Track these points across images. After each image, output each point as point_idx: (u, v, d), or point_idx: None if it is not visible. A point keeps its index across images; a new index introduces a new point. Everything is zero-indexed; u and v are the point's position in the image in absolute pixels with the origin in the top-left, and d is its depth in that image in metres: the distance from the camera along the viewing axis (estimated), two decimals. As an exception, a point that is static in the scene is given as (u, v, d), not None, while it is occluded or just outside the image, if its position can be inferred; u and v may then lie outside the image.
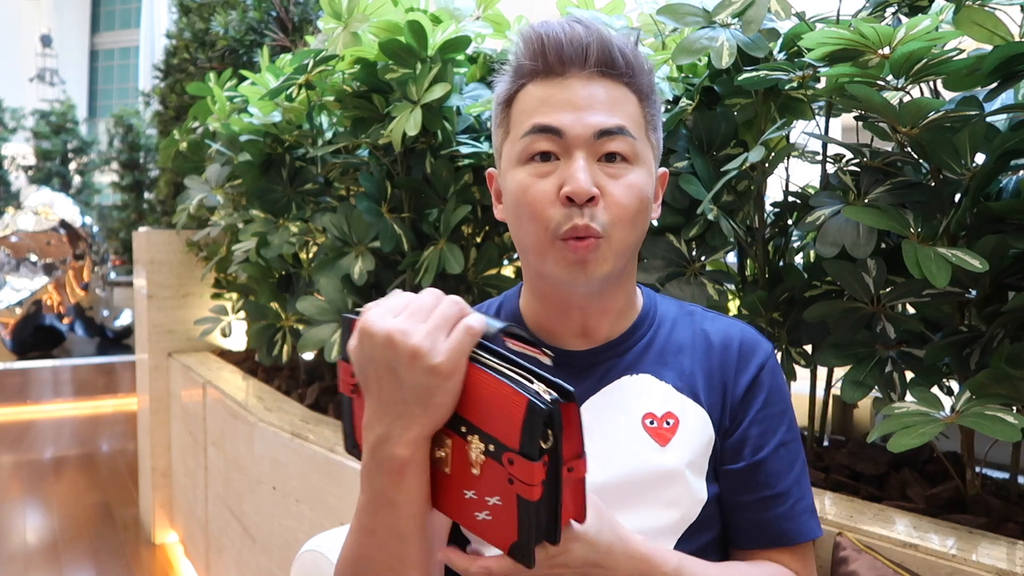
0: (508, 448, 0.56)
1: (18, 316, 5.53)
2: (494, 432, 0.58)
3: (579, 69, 0.72)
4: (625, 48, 0.73)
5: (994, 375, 0.93)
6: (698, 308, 0.87)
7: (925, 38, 0.94)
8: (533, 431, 0.55)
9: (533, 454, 0.55)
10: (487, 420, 0.59)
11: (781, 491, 0.76)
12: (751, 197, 1.26)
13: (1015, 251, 0.99)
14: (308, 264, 2.06)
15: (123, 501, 3.46)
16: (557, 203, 0.71)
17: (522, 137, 0.73)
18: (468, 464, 0.60)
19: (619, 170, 0.72)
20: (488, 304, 0.90)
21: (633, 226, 0.74)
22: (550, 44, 0.72)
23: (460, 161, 1.58)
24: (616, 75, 0.73)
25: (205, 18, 3.36)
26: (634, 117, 0.74)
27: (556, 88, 0.72)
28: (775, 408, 0.79)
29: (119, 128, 7.55)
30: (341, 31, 1.58)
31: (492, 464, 0.58)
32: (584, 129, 0.71)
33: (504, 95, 0.78)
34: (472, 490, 0.60)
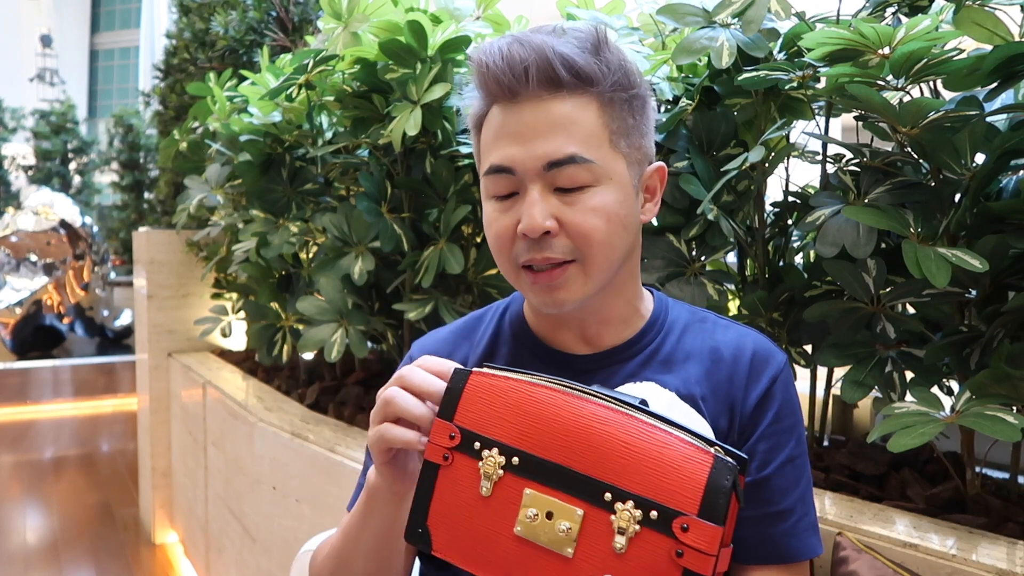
0: (683, 513, 0.49)
1: (18, 316, 5.53)
2: (662, 497, 0.50)
3: (526, 91, 0.69)
4: (575, 58, 0.68)
5: (994, 375, 0.93)
6: (711, 315, 0.84)
7: (925, 38, 0.94)
8: (719, 492, 0.49)
9: (716, 517, 0.48)
10: (650, 482, 0.51)
11: (785, 508, 0.75)
12: (751, 197, 1.26)
13: (1015, 251, 0.99)
14: (308, 264, 2.06)
15: (123, 501, 3.46)
16: (517, 238, 0.71)
17: (483, 175, 0.74)
18: (607, 540, 0.51)
19: (577, 197, 0.70)
20: (496, 306, 0.90)
21: (608, 244, 0.71)
22: (491, 72, 0.70)
23: (460, 161, 1.58)
24: (565, 90, 0.69)
25: (205, 18, 3.36)
26: (591, 133, 0.70)
27: (508, 114, 0.71)
28: (785, 423, 0.77)
29: (119, 128, 7.55)
30: (341, 31, 1.58)
31: (650, 536, 0.50)
32: (534, 162, 0.69)
33: (475, 120, 0.78)
34: (607, 573, 0.51)
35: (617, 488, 0.51)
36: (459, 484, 0.57)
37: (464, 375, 0.59)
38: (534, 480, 0.54)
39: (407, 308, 1.57)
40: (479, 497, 0.56)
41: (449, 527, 0.57)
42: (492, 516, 0.55)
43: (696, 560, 0.48)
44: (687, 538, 0.49)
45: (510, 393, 0.57)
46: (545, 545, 0.53)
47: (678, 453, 0.51)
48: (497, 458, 0.55)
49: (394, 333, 1.79)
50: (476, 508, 0.56)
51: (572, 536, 0.52)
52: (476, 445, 0.57)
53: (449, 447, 0.57)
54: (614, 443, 0.52)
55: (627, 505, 0.51)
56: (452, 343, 0.88)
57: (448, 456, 0.57)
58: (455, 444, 0.57)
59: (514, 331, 0.84)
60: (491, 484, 0.55)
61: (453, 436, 0.58)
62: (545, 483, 0.54)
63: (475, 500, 0.56)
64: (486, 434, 0.57)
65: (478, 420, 0.57)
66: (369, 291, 1.80)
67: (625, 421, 0.53)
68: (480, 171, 0.76)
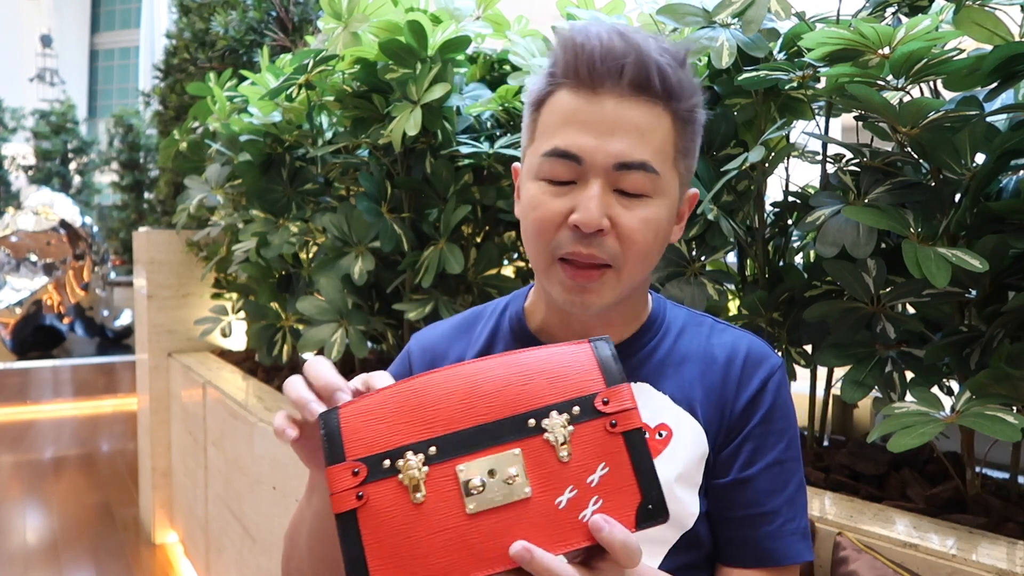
0: (596, 392, 0.54)
1: (18, 316, 5.53)
2: (571, 392, 0.54)
3: (612, 86, 0.67)
4: (667, 69, 0.68)
5: (994, 375, 0.93)
6: (709, 319, 0.84)
7: (925, 38, 0.94)
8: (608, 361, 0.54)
9: (618, 378, 0.54)
10: (555, 388, 0.55)
11: (769, 510, 0.73)
12: (751, 197, 1.26)
13: (1015, 251, 0.99)
14: (308, 264, 2.06)
15: (123, 501, 3.46)
16: (565, 226, 0.69)
17: (542, 155, 0.70)
18: (552, 458, 0.53)
19: (635, 203, 0.69)
20: (496, 303, 0.89)
21: (644, 259, 0.71)
22: (583, 56, 0.68)
23: (460, 161, 1.58)
24: (652, 97, 0.68)
25: (205, 18, 3.37)
26: (662, 146, 0.69)
27: (584, 102, 0.68)
28: (775, 425, 0.76)
29: (119, 128, 7.55)
30: (341, 31, 1.58)
31: (583, 429, 0.54)
32: (605, 158, 0.67)
33: (535, 96, 0.74)
34: (567, 486, 0.53)
35: (534, 411, 0.54)
36: (386, 512, 0.53)
37: (333, 413, 0.57)
38: (459, 455, 0.54)
39: (407, 308, 1.57)
40: (414, 509, 0.53)
41: (396, 562, 0.52)
42: (435, 516, 0.53)
43: (627, 419, 0.53)
44: (610, 408, 0.53)
45: (389, 402, 0.56)
46: (502, 503, 0.52)
47: (561, 356, 0.55)
48: (415, 458, 0.54)
49: (394, 333, 1.79)
50: (416, 521, 0.52)
51: (523, 476, 0.53)
52: (386, 463, 0.54)
53: (357, 484, 0.54)
54: (507, 380, 0.55)
55: (552, 417, 0.54)
56: (450, 337, 0.87)
57: (361, 494, 0.53)
58: (363, 477, 0.54)
59: (513, 329, 0.83)
60: (421, 487, 0.53)
61: (357, 471, 0.54)
62: (470, 451, 0.54)
63: (411, 515, 0.53)
64: (390, 448, 0.54)
65: (373, 442, 0.55)
66: (369, 291, 1.80)
67: (502, 360, 0.56)
68: (531, 149, 0.74)
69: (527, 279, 1.72)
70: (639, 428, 0.53)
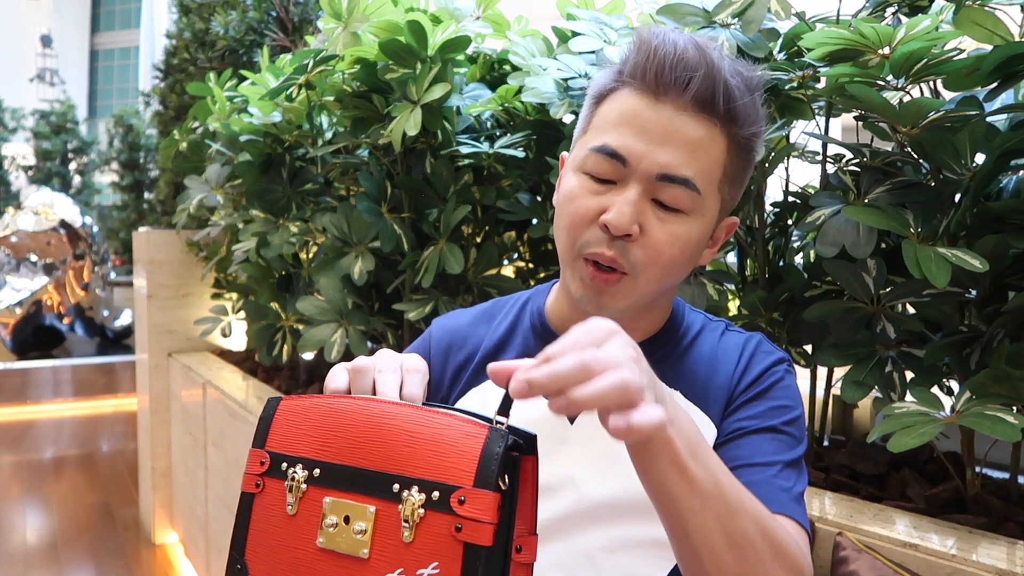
0: (459, 487, 0.49)
1: (18, 316, 5.53)
2: (440, 475, 0.50)
3: (676, 96, 0.67)
4: (734, 91, 0.67)
5: (994, 375, 0.93)
6: (724, 322, 0.84)
7: (925, 38, 0.94)
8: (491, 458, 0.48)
9: (489, 484, 0.48)
10: (431, 464, 0.50)
11: (761, 462, 0.71)
12: (751, 197, 1.26)
13: (1015, 251, 0.99)
14: (308, 264, 2.06)
15: (123, 501, 3.46)
16: (595, 224, 0.69)
17: (590, 149, 0.71)
18: (396, 533, 0.50)
19: (669, 217, 0.69)
20: (516, 296, 0.89)
21: (666, 272, 0.71)
22: (654, 60, 0.67)
23: (460, 161, 1.58)
24: (712, 116, 0.68)
25: (205, 18, 3.37)
26: (710, 167, 0.69)
27: (645, 106, 0.68)
28: (777, 402, 0.76)
29: (119, 128, 7.55)
30: (341, 31, 1.58)
31: (434, 518, 0.49)
32: (649, 166, 0.67)
33: (598, 89, 0.74)
34: (399, 567, 0.50)
35: (403, 477, 0.51)
36: (270, 508, 0.56)
37: (275, 402, 0.59)
38: (333, 487, 0.54)
39: (407, 308, 1.57)
40: (286, 517, 0.55)
41: (265, 557, 0.55)
42: (298, 533, 0.54)
43: (474, 531, 0.47)
44: (464, 510, 0.48)
45: (313, 410, 0.57)
46: (344, 552, 0.52)
47: (457, 432, 0.50)
48: (300, 473, 0.55)
49: (394, 333, 1.79)
50: (284, 529, 0.55)
51: (368, 536, 0.51)
52: (283, 466, 0.56)
53: (259, 473, 0.57)
54: (399, 434, 0.52)
55: (411, 491, 0.50)
56: (471, 324, 0.87)
57: (260, 483, 0.57)
58: (265, 469, 0.57)
59: (532, 324, 0.84)
60: (296, 500, 0.55)
61: (263, 462, 0.57)
62: (342, 488, 0.53)
63: (283, 521, 0.55)
64: (291, 453, 0.56)
65: (285, 442, 0.57)
66: (369, 291, 1.80)
67: (411, 413, 0.53)
68: (582, 140, 0.74)
69: (527, 279, 1.72)
70: (484, 547, 0.47)
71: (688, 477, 0.54)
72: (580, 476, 0.76)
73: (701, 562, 0.57)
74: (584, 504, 0.74)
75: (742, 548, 0.57)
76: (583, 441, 0.77)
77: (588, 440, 0.77)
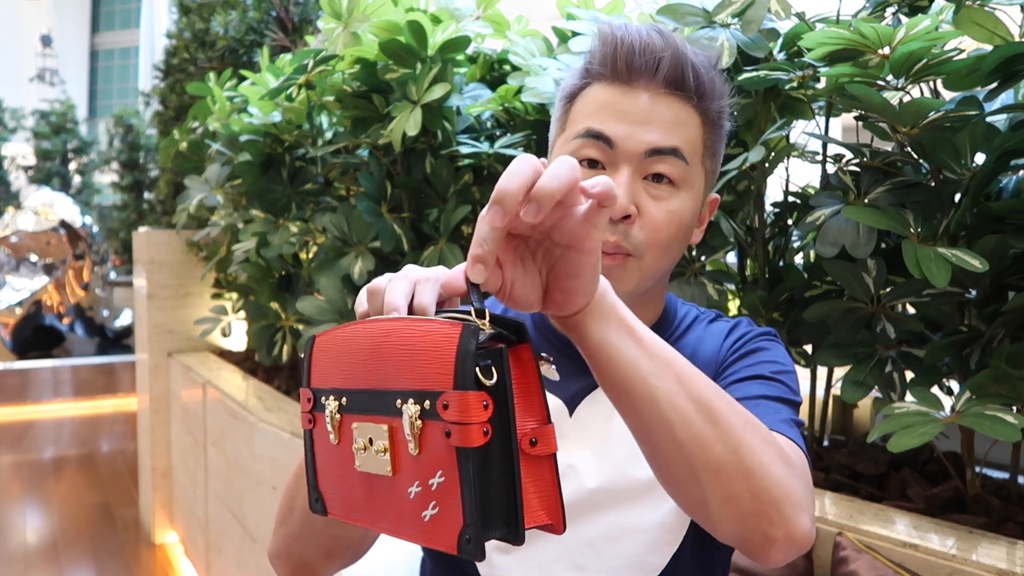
0: (442, 391, 0.46)
1: (18, 316, 5.53)
2: (427, 383, 0.47)
3: (647, 80, 0.70)
4: (700, 68, 0.70)
5: (994, 375, 0.93)
6: (713, 313, 0.86)
7: (925, 38, 0.94)
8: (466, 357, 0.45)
9: (468, 384, 0.45)
10: (419, 374, 0.48)
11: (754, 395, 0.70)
12: (751, 197, 1.26)
13: (1015, 251, 0.99)
14: (308, 264, 2.06)
15: (123, 501, 3.46)
16: None
17: (574, 139, 0.72)
18: (406, 448, 0.49)
19: (663, 192, 0.71)
20: None
21: (667, 251, 0.72)
22: (622, 49, 0.70)
23: (460, 161, 1.58)
24: (684, 94, 0.70)
25: (205, 18, 3.36)
26: (692, 141, 0.71)
27: (620, 95, 0.70)
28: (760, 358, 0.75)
29: (119, 128, 7.54)
30: (341, 31, 1.58)
31: (430, 427, 0.47)
32: (636, 145, 0.69)
33: (568, 90, 0.76)
34: (415, 480, 0.49)
35: (401, 391, 0.49)
36: (323, 441, 0.58)
37: (312, 340, 0.60)
38: (357, 413, 0.54)
39: (407, 308, 1.57)
40: (333, 447, 0.56)
41: (331, 487, 0.58)
42: (343, 461, 0.55)
43: (461, 434, 0.45)
44: (449, 414, 0.45)
45: (339, 341, 0.57)
46: (376, 472, 0.52)
47: (437, 335, 0.48)
48: (332, 404, 0.56)
49: (394, 333, 1.79)
50: (335, 458, 0.56)
51: (387, 454, 0.51)
52: (322, 399, 0.57)
53: (309, 410, 0.59)
54: (396, 349, 0.50)
55: (407, 404, 0.48)
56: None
57: (311, 418, 0.58)
58: (311, 406, 0.58)
59: (533, 319, 0.85)
60: (335, 430, 0.56)
61: (309, 399, 0.58)
62: (363, 412, 0.53)
63: (331, 451, 0.57)
64: (325, 386, 0.57)
65: (321, 375, 0.58)
66: (369, 291, 1.80)
67: (406, 326, 0.51)
68: (561, 139, 0.75)
69: (527, 279, 1.72)
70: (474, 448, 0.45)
71: (642, 341, 0.54)
72: (579, 465, 0.76)
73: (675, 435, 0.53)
74: (585, 492, 0.75)
75: (710, 409, 0.54)
76: (581, 432, 0.78)
77: (586, 430, 0.77)
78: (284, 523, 0.74)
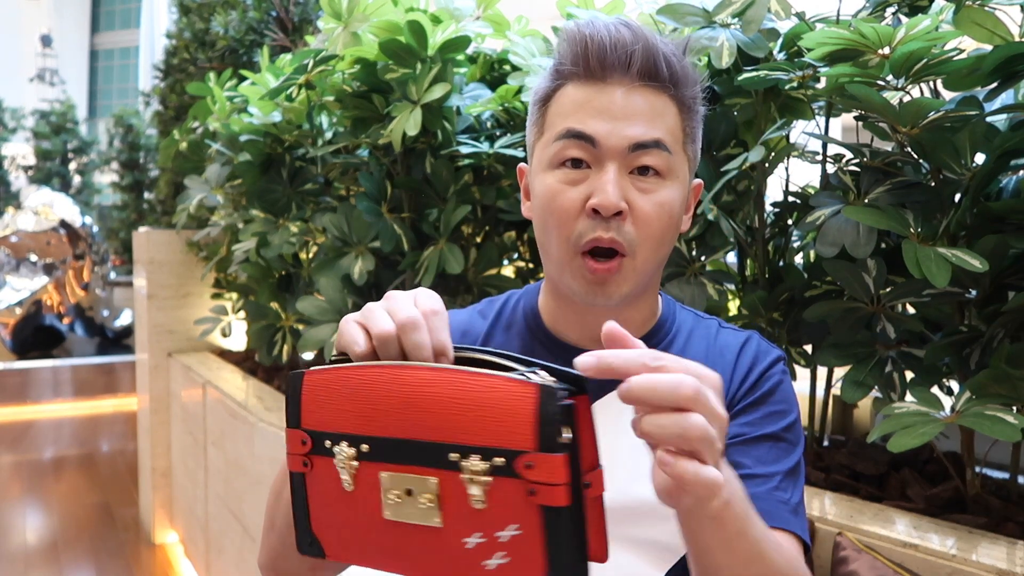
0: (523, 451, 0.48)
1: (18, 316, 5.53)
2: (500, 441, 0.49)
3: (621, 75, 0.69)
4: (672, 57, 0.70)
5: (994, 375, 0.93)
6: (716, 320, 0.85)
7: (925, 38, 0.94)
8: (550, 420, 0.47)
9: (554, 446, 0.47)
10: (486, 430, 0.50)
11: (760, 473, 0.71)
12: (751, 197, 1.26)
13: (1015, 251, 0.99)
14: (308, 264, 2.06)
15: (123, 501, 3.46)
16: (583, 214, 0.69)
17: (555, 141, 0.71)
18: (465, 500, 0.50)
19: (651, 185, 0.70)
20: (506, 296, 0.89)
21: (660, 243, 0.72)
22: (593, 47, 0.69)
23: (460, 161, 1.58)
24: (659, 85, 0.70)
25: (205, 18, 3.37)
26: (672, 130, 0.71)
27: (595, 93, 0.70)
28: (774, 406, 0.76)
29: (119, 128, 7.55)
30: (341, 31, 1.58)
31: (503, 484, 0.49)
32: (619, 140, 0.69)
33: (541, 93, 0.75)
34: (477, 532, 0.50)
35: (459, 446, 0.50)
36: (325, 485, 0.56)
37: (298, 377, 0.58)
38: (386, 462, 0.53)
39: (407, 308, 1.57)
40: (344, 493, 0.55)
41: (333, 529, 0.56)
42: (361, 508, 0.54)
43: (548, 494, 0.47)
44: (533, 475, 0.48)
45: (344, 383, 0.56)
46: (416, 522, 0.52)
47: (504, 393, 0.50)
48: (348, 450, 0.54)
49: (394, 333, 1.79)
50: (346, 504, 0.55)
51: (436, 506, 0.51)
52: (327, 443, 0.56)
53: (304, 453, 0.57)
54: (445, 402, 0.51)
55: (472, 459, 0.50)
56: (468, 321, 0.87)
57: (307, 462, 0.57)
58: (308, 449, 0.57)
59: (527, 320, 0.84)
60: (350, 477, 0.54)
61: (304, 442, 0.57)
62: (396, 462, 0.53)
63: (342, 497, 0.55)
64: (332, 430, 0.56)
65: (322, 418, 0.57)
66: (369, 291, 1.80)
67: (449, 377, 0.52)
68: (540, 144, 0.75)
69: (527, 279, 1.72)
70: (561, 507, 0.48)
71: (729, 539, 0.56)
72: None
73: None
74: None
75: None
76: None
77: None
78: (267, 537, 0.75)
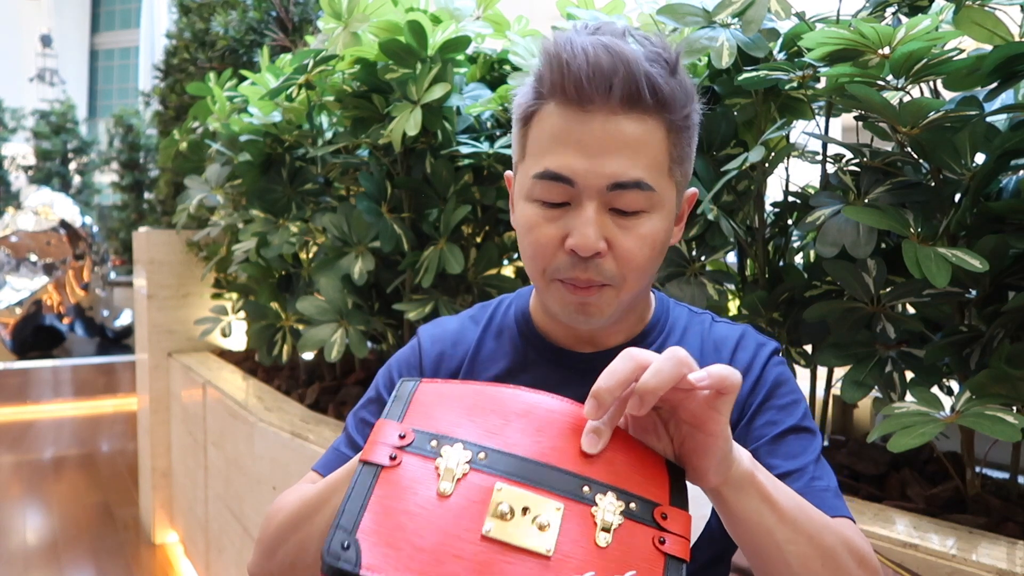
0: (658, 503, 0.52)
1: (18, 316, 5.53)
2: (638, 489, 0.52)
3: (602, 103, 0.65)
4: (657, 80, 0.65)
5: (994, 375, 0.93)
6: (709, 315, 0.84)
7: (925, 38, 0.94)
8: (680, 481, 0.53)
9: (685, 504, 0.52)
10: (626, 476, 0.52)
11: (796, 468, 0.71)
12: (751, 197, 1.26)
13: (1015, 251, 0.99)
14: (308, 264, 2.06)
15: (123, 501, 3.46)
16: (562, 250, 0.68)
17: (534, 176, 0.69)
18: (589, 535, 0.50)
19: (631, 222, 0.68)
20: (500, 300, 0.89)
21: (644, 273, 0.70)
22: (570, 74, 0.65)
23: (460, 161, 1.58)
24: (643, 111, 0.66)
25: (205, 18, 3.36)
26: (656, 159, 0.68)
27: (574, 120, 0.66)
28: (785, 398, 0.76)
29: (119, 128, 7.54)
30: (341, 31, 1.58)
31: (633, 528, 0.51)
32: (597, 179, 0.66)
33: (523, 111, 0.72)
34: (590, 570, 0.49)
35: (596, 481, 0.52)
36: (406, 487, 0.51)
37: (413, 382, 0.59)
38: (505, 476, 0.51)
39: (407, 308, 1.57)
40: (437, 497, 0.51)
41: (385, 538, 0.49)
42: (454, 516, 0.50)
43: (677, 545, 0.51)
44: (668, 525, 0.51)
45: (467, 396, 0.56)
46: (519, 544, 0.49)
47: (640, 449, 0.55)
48: (461, 453, 0.52)
49: (394, 333, 1.79)
50: (431, 510, 0.50)
51: (552, 532, 0.49)
52: (432, 443, 0.53)
53: (397, 446, 0.53)
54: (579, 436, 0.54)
55: (608, 498, 0.51)
56: (459, 329, 0.87)
57: (395, 455, 0.52)
58: (407, 443, 0.53)
59: (519, 324, 0.84)
60: (452, 482, 0.51)
61: (403, 435, 0.54)
62: (519, 479, 0.51)
63: (430, 501, 0.51)
64: (445, 432, 0.54)
65: (435, 421, 0.55)
66: (369, 291, 1.80)
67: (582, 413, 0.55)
68: (523, 166, 0.73)
69: (527, 279, 1.72)
70: (684, 560, 0.51)
71: (778, 508, 0.58)
72: None
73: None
74: None
75: (835, 562, 0.60)
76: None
77: None
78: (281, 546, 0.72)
